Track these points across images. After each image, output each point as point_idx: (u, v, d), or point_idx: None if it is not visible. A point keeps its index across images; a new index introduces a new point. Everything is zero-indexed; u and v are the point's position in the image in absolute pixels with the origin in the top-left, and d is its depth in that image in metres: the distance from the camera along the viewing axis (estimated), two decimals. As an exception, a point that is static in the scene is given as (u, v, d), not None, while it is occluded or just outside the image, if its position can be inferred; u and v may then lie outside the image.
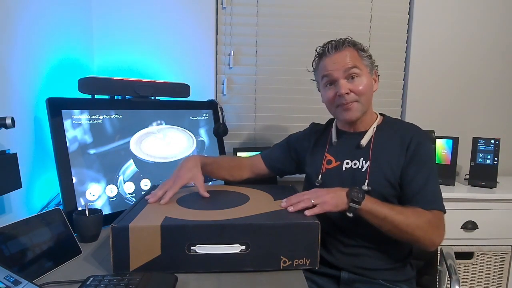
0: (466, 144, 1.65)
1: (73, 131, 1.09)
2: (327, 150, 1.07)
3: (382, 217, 0.87)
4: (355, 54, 0.99)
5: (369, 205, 0.86)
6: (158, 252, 0.75)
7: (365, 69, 1.00)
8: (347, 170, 1.02)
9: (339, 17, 1.71)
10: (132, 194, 1.19)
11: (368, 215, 0.87)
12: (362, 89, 0.97)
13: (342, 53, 0.98)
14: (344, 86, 0.97)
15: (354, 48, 1.00)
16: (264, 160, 1.19)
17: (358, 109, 0.99)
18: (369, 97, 1.01)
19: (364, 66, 1.00)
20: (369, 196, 0.88)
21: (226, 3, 1.64)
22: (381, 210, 0.87)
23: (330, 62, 0.99)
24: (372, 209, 0.86)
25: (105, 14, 1.56)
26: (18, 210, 1.02)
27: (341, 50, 0.98)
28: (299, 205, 0.84)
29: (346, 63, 0.97)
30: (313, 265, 0.79)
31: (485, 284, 1.58)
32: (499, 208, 1.52)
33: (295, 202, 0.86)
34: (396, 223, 0.87)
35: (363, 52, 1.01)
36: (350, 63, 0.97)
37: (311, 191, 0.89)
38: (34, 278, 0.74)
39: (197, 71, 1.64)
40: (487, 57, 1.79)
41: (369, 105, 1.02)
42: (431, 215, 0.90)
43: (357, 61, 0.98)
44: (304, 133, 1.19)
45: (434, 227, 0.90)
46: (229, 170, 1.16)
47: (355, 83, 0.97)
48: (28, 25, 1.08)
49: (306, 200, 0.85)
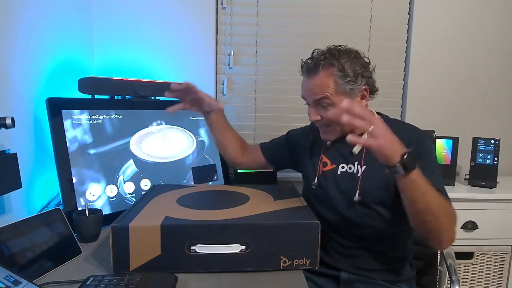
0: (466, 144, 1.65)
1: (73, 131, 1.09)
2: (323, 152, 1.06)
3: (423, 192, 0.79)
4: (330, 81, 0.91)
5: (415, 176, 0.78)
6: (158, 252, 0.75)
7: (341, 97, 0.91)
8: (342, 174, 1.00)
9: (339, 17, 1.71)
10: (132, 194, 1.19)
11: (411, 185, 0.79)
12: (331, 117, 0.92)
13: (314, 80, 0.92)
14: (313, 114, 0.96)
15: (331, 71, 0.90)
16: (263, 151, 1.20)
17: (332, 132, 0.98)
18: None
19: (338, 94, 0.91)
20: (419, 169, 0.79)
21: (226, 3, 1.64)
22: (424, 185, 0.79)
23: (304, 86, 0.97)
24: (418, 180, 0.78)
25: (105, 14, 1.56)
26: (18, 210, 1.02)
27: (312, 77, 0.92)
28: (356, 121, 0.74)
29: (315, 93, 0.92)
30: (313, 265, 0.79)
31: (485, 284, 1.58)
32: (499, 208, 1.52)
33: (357, 114, 0.74)
34: (432, 204, 0.80)
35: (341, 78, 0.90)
36: (319, 93, 0.91)
37: (379, 123, 0.77)
38: (34, 278, 0.74)
39: (197, 71, 1.64)
40: (487, 57, 1.79)
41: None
42: (452, 209, 0.86)
43: (329, 89, 0.91)
44: (303, 130, 1.19)
45: (454, 223, 0.86)
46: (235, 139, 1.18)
47: (325, 112, 0.94)
48: (29, 26, 1.08)
49: (367, 123, 0.74)
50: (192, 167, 1.35)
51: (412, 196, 0.81)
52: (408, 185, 0.79)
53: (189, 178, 1.33)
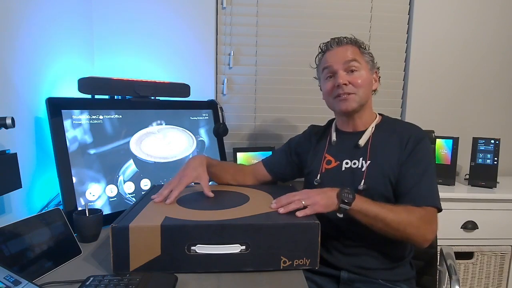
0: (466, 144, 1.65)
1: (73, 131, 1.09)
2: (326, 151, 1.07)
3: (373, 216, 0.86)
4: (356, 50, 1.03)
5: (359, 205, 0.86)
6: (158, 252, 0.75)
7: (365, 65, 1.03)
8: (347, 169, 1.02)
9: (339, 17, 1.71)
10: (132, 194, 1.19)
11: (359, 215, 0.87)
12: (360, 82, 0.99)
13: (343, 47, 1.02)
14: (343, 77, 0.99)
15: (356, 45, 1.04)
16: (266, 166, 1.19)
17: (355, 100, 1.00)
18: (367, 92, 1.02)
19: (364, 62, 1.03)
20: (360, 196, 0.88)
21: (226, 3, 1.64)
22: (371, 209, 0.86)
23: (331, 55, 1.03)
24: (362, 209, 0.86)
25: (105, 14, 1.56)
26: (18, 210, 1.02)
27: (342, 45, 1.02)
28: (290, 206, 0.83)
29: (346, 56, 1.00)
30: (313, 265, 0.79)
31: (485, 284, 1.58)
32: (499, 208, 1.52)
33: (286, 203, 0.85)
34: (387, 221, 0.86)
35: (364, 50, 1.05)
36: (350, 56, 1.00)
37: (301, 192, 0.89)
38: (34, 278, 0.74)
39: (197, 71, 1.64)
40: (487, 57, 1.79)
41: (367, 99, 1.03)
42: (423, 211, 0.90)
43: (357, 56, 1.01)
44: (304, 135, 1.19)
45: (426, 223, 0.89)
46: (233, 175, 1.16)
47: (354, 76, 1.00)
48: (29, 26, 1.08)
49: (297, 202, 0.84)
50: (192, 167, 1.34)
51: (365, 221, 0.88)
52: (357, 215, 0.87)
53: (189, 178, 1.33)
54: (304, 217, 0.81)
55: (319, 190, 0.90)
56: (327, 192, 0.88)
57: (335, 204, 0.86)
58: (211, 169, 1.09)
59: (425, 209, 0.90)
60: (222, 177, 1.14)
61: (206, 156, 1.12)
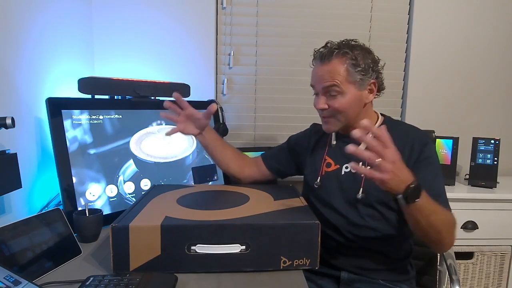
0: (466, 144, 1.65)
1: (73, 131, 1.09)
2: (326, 153, 1.07)
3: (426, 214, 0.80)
4: (341, 70, 0.92)
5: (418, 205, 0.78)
6: (158, 252, 0.75)
7: (350, 87, 0.93)
8: (346, 174, 1.01)
9: (339, 17, 1.71)
10: (132, 194, 1.19)
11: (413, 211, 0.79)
12: (338, 107, 0.94)
13: (325, 66, 0.94)
14: (321, 101, 0.96)
15: (344, 60, 0.92)
16: (265, 161, 1.19)
17: (335, 124, 0.98)
18: (351, 113, 0.96)
19: (348, 84, 0.93)
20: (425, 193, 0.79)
21: (226, 3, 1.64)
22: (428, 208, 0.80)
23: (314, 73, 0.98)
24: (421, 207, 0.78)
25: (105, 15, 1.56)
26: (18, 210, 1.02)
27: (325, 63, 0.94)
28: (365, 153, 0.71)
29: (325, 80, 0.94)
30: (313, 265, 0.79)
31: (485, 284, 1.58)
32: (499, 208, 1.52)
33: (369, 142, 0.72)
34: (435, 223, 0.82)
35: (354, 66, 0.92)
36: (330, 81, 0.93)
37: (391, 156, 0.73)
38: (34, 278, 0.74)
39: (197, 71, 1.64)
40: (487, 57, 1.79)
41: (353, 118, 0.97)
42: (452, 217, 0.88)
43: (340, 78, 0.92)
44: (304, 134, 1.19)
45: (454, 229, 0.88)
46: (234, 154, 1.17)
47: (333, 100, 0.95)
48: (30, 29, 1.08)
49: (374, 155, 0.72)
50: (192, 167, 1.35)
51: (415, 218, 0.81)
52: (410, 211, 0.80)
53: (189, 178, 1.33)
54: (304, 217, 0.81)
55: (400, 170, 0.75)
56: (404, 176, 0.75)
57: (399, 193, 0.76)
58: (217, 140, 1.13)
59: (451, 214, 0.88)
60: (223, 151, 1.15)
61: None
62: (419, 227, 0.83)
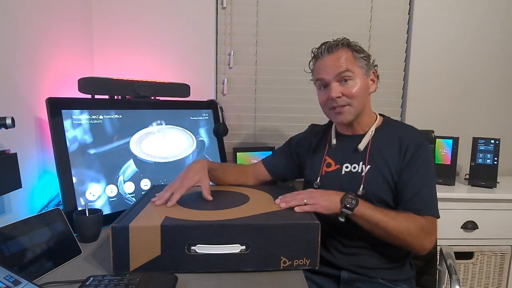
0: (466, 144, 1.65)
1: (73, 131, 1.09)
2: (326, 153, 1.07)
3: (374, 223, 0.88)
4: (349, 56, 0.98)
5: (361, 211, 0.87)
6: (158, 252, 0.75)
7: (359, 71, 0.98)
8: (346, 173, 1.01)
9: (339, 17, 1.71)
10: (132, 194, 1.19)
11: (361, 221, 0.88)
12: (354, 92, 0.96)
13: (334, 55, 0.97)
14: (335, 90, 0.96)
15: (349, 49, 0.99)
16: (266, 167, 1.18)
17: (350, 112, 0.98)
18: (363, 99, 0.99)
19: (358, 68, 0.98)
20: (364, 201, 0.88)
21: (226, 3, 1.64)
22: (373, 216, 0.88)
23: (322, 65, 0.99)
24: (365, 214, 0.87)
25: (105, 14, 1.56)
26: (18, 210, 1.02)
27: (333, 52, 0.98)
28: (292, 202, 0.86)
29: (338, 66, 0.96)
30: (313, 265, 0.79)
31: (485, 284, 1.58)
32: (499, 208, 1.52)
33: (289, 199, 0.88)
34: (388, 229, 0.88)
35: (358, 53, 0.99)
36: (343, 66, 0.96)
37: (306, 191, 0.91)
38: (34, 278, 0.74)
39: (197, 71, 1.64)
40: (487, 57, 1.79)
41: (363, 107, 1.01)
42: (424, 221, 0.90)
43: (350, 64, 0.97)
44: (304, 135, 1.19)
45: (426, 233, 0.90)
46: (234, 176, 1.15)
47: (347, 86, 0.97)
48: (29, 27, 1.08)
49: (299, 199, 0.87)
50: (192, 167, 1.34)
51: (366, 227, 0.89)
52: (359, 220, 0.88)
53: (189, 178, 1.33)
54: (304, 217, 0.81)
55: (324, 191, 0.91)
56: (331, 195, 0.89)
57: (338, 208, 0.87)
58: (213, 173, 1.07)
59: (426, 219, 0.91)
60: (223, 179, 1.13)
61: (207, 160, 1.11)
62: (375, 235, 0.90)
